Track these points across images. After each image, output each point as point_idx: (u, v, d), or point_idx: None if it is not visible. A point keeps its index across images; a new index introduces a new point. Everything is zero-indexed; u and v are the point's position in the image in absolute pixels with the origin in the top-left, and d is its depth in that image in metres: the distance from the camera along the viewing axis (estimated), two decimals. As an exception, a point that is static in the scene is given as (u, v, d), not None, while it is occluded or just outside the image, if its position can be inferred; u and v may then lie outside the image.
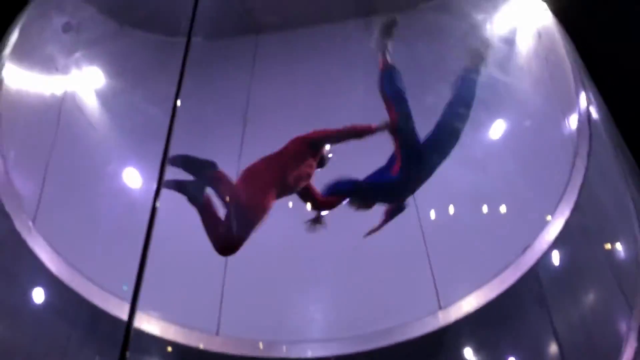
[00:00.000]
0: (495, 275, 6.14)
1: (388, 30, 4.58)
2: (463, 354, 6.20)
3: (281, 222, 7.36)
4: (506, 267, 6.05)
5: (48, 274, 5.71)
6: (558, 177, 6.00)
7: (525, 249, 5.90)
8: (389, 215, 4.72)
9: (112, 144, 7.25)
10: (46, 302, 5.67)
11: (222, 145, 7.47)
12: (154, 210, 3.43)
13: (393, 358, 6.57)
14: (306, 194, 4.66)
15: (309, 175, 4.48)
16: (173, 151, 4.27)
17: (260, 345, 6.74)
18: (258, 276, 7.01)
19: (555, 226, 5.74)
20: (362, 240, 7.17)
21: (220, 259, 6.72)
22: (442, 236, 6.68)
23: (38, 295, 5.64)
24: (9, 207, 5.59)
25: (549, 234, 5.70)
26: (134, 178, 7.18)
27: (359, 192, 4.47)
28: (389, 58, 4.57)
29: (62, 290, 5.68)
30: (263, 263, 7.10)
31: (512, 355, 6.09)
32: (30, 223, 5.64)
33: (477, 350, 6.17)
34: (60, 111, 6.57)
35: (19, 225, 5.51)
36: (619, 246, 5.46)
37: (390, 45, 4.58)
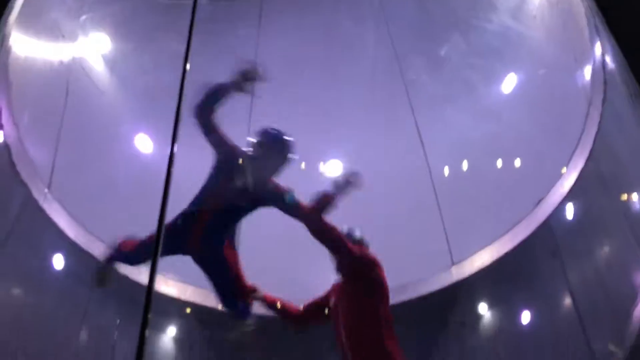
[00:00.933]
0: (508, 230, 6.14)
1: None
2: (477, 309, 6.26)
3: (293, 185, 7.47)
4: (520, 220, 6.04)
5: (66, 240, 5.79)
6: (572, 127, 5.91)
7: (539, 202, 5.87)
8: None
9: (122, 108, 7.26)
10: (66, 266, 5.77)
11: (231, 102, 7.45)
12: (169, 173, 3.41)
13: (407, 314, 6.65)
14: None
15: None
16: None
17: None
18: (271, 236, 7.08)
19: (569, 178, 5.68)
20: (374, 195, 7.23)
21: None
22: (455, 189, 6.67)
23: (58, 260, 5.73)
24: (24, 175, 5.63)
25: (563, 187, 5.65)
26: (146, 140, 7.21)
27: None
28: None
29: (81, 254, 5.76)
30: (276, 224, 7.17)
31: (526, 309, 6.13)
32: (46, 190, 5.67)
33: (490, 306, 6.22)
34: (69, 77, 6.56)
35: (35, 193, 5.55)
36: (635, 197, 5.40)
37: None
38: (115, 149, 6.93)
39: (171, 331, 6.51)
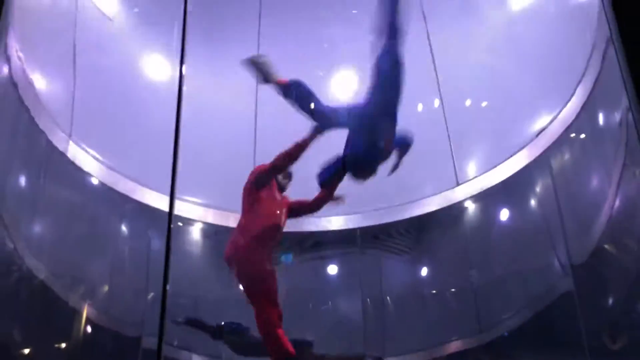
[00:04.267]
0: (511, 155, 6.39)
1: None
2: (479, 227, 6.72)
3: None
4: (522, 147, 6.26)
5: (89, 177, 6.15)
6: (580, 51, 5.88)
7: (540, 132, 6.05)
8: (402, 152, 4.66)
9: (131, 34, 7.27)
10: (91, 202, 6.21)
11: (239, 28, 7.43)
12: (179, 106, 3.59)
13: (412, 230, 7.15)
14: (297, 211, 4.87)
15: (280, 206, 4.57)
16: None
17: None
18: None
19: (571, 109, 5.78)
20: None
21: (249, 146, 7.14)
22: (461, 115, 6.84)
23: (84, 197, 6.16)
24: (34, 112, 5.78)
25: (565, 118, 5.78)
26: (156, 67, 7.32)
27: (350, 165, 4.23)
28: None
29: (106, 190, 6.17)
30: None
31: (522, 225, 6.57)
32: (65, 135, 5.88)
33: (492, 224, 6.66)
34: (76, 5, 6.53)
35: (54, 139, 5.72)
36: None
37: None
38: (125, 77, 7.04)
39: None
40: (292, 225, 7.31)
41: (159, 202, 6.55)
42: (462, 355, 6.09)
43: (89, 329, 5.64)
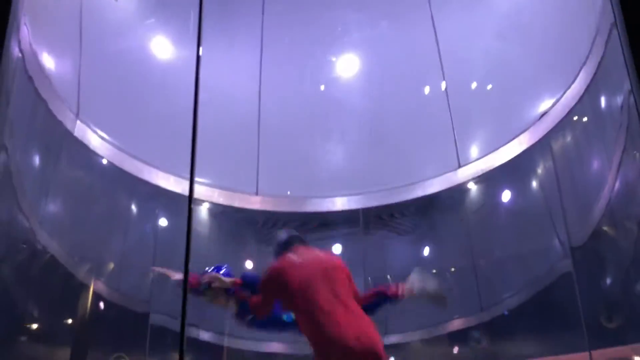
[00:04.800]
0: (513, 137, 6.46)
1: None
2: (480, 208, 6.83)
3: (307, 85, 7.71)
4: (523, 130, 6.34)
5: (99, 158, 6.24)
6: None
7: (542, 115, 6.12)
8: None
9: (136, 13, 7.30)
10: (99, 181, 6.30)
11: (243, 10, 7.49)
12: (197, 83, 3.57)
13: (414, 211, 7.26)
14: None
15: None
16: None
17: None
18: (288, 139, 7.50)
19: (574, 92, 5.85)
20: (385, 93, 7.48)
21: (254, 128, 7.23)
22: (464, 98, 6.91)
23: (93, 176, 6.25)
24: (42, 90, 5.82)
25: (567, 102, 5.85)
26: (163, 48, 7.36)
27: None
28: None
29: (114, 170, 6.26)
30: (292, 127, 7.56)
31: (523, 207, 6.68)
32: (74, 115, 5.95)
33: (494, 206, 6.77)
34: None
35: (62, 118, 5.78)
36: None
37: None
38: (134, 56, 7.09)
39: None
40: (296, 206, 7.49)
41: (166, 181, 6.67)
42: (463, 332, 6.25)
43: (98, 304, 5.79)
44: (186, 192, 6.94)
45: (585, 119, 5.81)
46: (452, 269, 6.81)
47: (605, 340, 5.27)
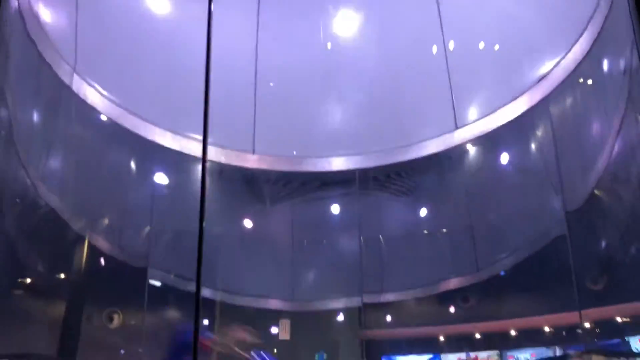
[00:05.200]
0: (511, 100, 6.45)
1: None
2: (475, 170, 6.87)
3: (304, 45, 7.59)
4: (522, 93, 6.32)
5: (94, 112, 6.17)
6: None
7: (541, 79, 6.10)
8: None
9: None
10: (97, 136, 6.26)
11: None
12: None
13: (411, 172, 7.28)
14: None
15: None
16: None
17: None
18: (286, 98, 7.44)
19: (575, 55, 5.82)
20: (383, 53, 7.39)
21: (251, 88, 7.16)
22: (463, 60, 6.85)
23: (91, 131, 6.20)
24: (42, 47, 5.73)
25: (565, 67, 5.83)
26: (162, 3, 7.19)
27: None
28: None
29: (112, 126, 6.20)
30: (291, 86, 7.49)
31: (520, 169, 6.73)
32: (73, 70, 5.86)
33: (491, 168, 6.81)
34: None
35: (61, 73, 5.71)
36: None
37: None
38: (132, 12, 6.94)
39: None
40: (293, 165, 7.49)
41: (163, 138, 6.64)
42: (460, 291, 6.37)
43: (96, 258, 5.83)
44: (184, 150, 7.08)
45: (584, 80, 5.81)
46: (451, 230, 6.88)
47: (594, 301, 5.41)
